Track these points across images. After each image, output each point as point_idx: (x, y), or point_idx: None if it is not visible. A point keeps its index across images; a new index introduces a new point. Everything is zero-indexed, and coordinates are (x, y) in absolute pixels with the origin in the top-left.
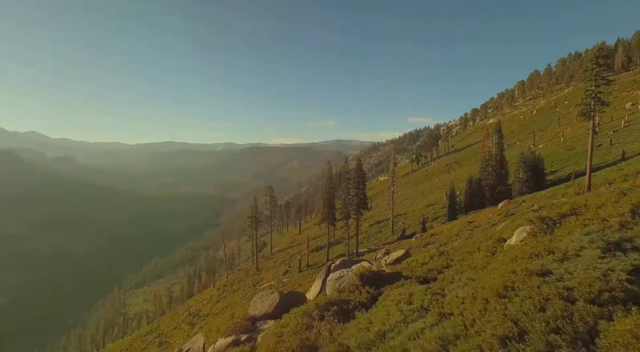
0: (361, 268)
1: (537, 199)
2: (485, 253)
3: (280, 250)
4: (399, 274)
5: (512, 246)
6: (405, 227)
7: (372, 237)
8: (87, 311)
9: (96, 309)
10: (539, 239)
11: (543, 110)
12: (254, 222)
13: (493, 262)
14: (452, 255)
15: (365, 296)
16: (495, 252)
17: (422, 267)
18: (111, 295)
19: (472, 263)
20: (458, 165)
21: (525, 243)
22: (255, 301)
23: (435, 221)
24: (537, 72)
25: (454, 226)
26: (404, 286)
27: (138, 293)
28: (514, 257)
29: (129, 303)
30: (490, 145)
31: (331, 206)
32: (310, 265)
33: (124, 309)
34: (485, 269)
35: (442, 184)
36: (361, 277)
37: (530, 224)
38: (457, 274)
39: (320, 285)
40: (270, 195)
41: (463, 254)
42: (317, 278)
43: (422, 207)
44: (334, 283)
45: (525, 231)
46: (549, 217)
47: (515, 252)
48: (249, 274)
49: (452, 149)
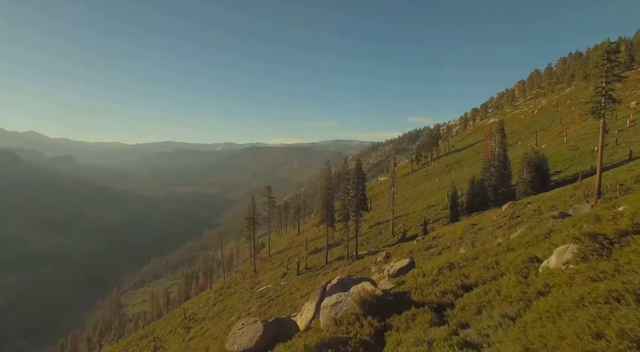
0: (362, 292)
1: (543, 201)
2: (516, 277)
3: (279, 251)
4: (408, 298)
5: (553, 270)
6: (405, 229)
7: (372, 239)
8: (86, 312)
9: (95, 310)
10: (595, 265)
11: (544, 110)
12: (251, 224)
13: (540, 303)
14: (464, 269)
15: (368, 330)
16: (528, 275)
17: (434, 287)
18: (110, 295)
19: (501, 289)
20: (459, 165)
21: (577, 271)
22: (234, 333)
23: (437, 222)
24: (538, 72)
25: (457, 228)
26: (416, 318)
27: (137, 294)
28: (577, 300)
29: (128, 304)
30: (492, 145)
31: (330, 207)
32: (308, 267)
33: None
34: (528, 310)
35: (443, 185)
36: (362, 304)
37: (576, 242)
38: (484, 303)
39: (313, 309)
40: (268, 196)
41: (480, 270)
42: (310, 299)
43: (422, 208)
44: (330, 311)
45: (570, 252)
46: (602, 234)
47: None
48: (246, 277)
49: (452, 149)
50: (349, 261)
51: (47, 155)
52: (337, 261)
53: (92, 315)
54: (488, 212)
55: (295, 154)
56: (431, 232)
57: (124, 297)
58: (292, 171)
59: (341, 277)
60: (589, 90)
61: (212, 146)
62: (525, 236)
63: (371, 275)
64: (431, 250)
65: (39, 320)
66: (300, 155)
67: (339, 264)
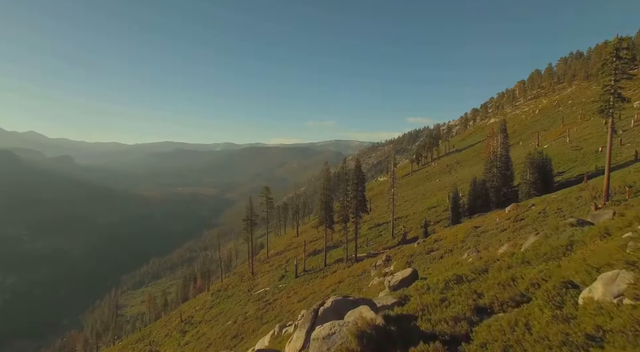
0: (360, 321)
1: (547, 203)
2: (549, 309)
3: (277, 253)
4: (414, 326)
5: (602, 305)
6: (406, 231)
7: (371, 241)
8: (84, 313)
9: (93, 311)
10: None
11: (546, 110)
12: (249, 225)
13: None
14: (475, 283)
15: None
16: (564, 306)
17: (443, 310)
18: (109, 296)
19: (531, 324)
20: (459, 165)
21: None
22: None
23: (438, 224)
24: (538, 72)
25: (459, 231)
26: None
27: (136, 294)
28: None
29: (127, 304)
30: (494, 145)
31: (328, 209)
32: (307, 270)
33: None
34: None
35: (444, 185)
36: (360, 337)
37: (630, 268)
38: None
39: (303, 338)
40: (266, 196)
41: (495, 288)
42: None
43: (423, 209)
44: (322, 345)
45: (624, 281)
46: None
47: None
48: (244, 279)
49: (452, 149)
50: (348, 264)
51: (46, 155)
52: (336, 264)
53: (90, 316)
54: (490, 214)
55: (295, 154)
56: (432, 235)
57: (123, 298)
58: (291, 171)
59: (336, 298)
60: (591, 89)
61: (211, 146)
62: (541, 246)
63: (371, 279)
64: (433, 254)
65: (38, 321)
66: (300, 155)
67: (338, 266)
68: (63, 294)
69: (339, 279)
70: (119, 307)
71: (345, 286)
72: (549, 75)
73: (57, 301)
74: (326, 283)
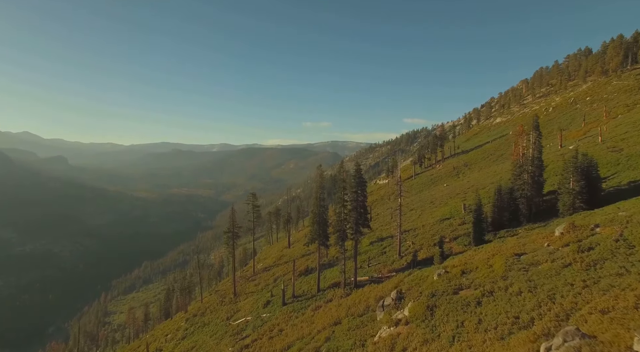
0: None
1: (617, 222)
2: None
3: (265, 268)
4: None
5: None
6: (416, 249)
7: (373, 260)
8: (72, 319)
9: (81, 317)
10: None
11: (561, 107)
12: (231, 239)
13: None
14: None
15: None
16: None
17: None
18: (98, 301)
19: None
20: (468, 168)
21: None
22: None
23: (455, 241)
24: (546, 68)
25: (493, 259)
26: None
27: (126, 300)
28: None
29: (115, 311)
30: (524, 146)
31: (322, 222)
32: (297, 295)
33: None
34: None
35: (454, 192)
36: None
37: None
38: None
39: None
40: (252, 204)
41: None
42: None
43: (434, 221)
44: None
45: None
46: None
47: None
48: (224, 302)
49: (458, 151)
50: (346, 290)
51: (40, 156)
52: (332, 290)
53: (76, 324)
54: (525, 231)
55: (292, 155)
56: (452, 259)
57: (113, 303)
58: (288, 172)
59: None
60: (612, 85)
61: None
62: None
63: (378, 325)
64: (463, 294)
65: (23, 328)
66: (297, 156)
67: (334, 294)
68: (51, 299)
69: (334, 319)
70: (108, 314)
71: (343, 332)
72: (557, 72)
73: (44, 307)
74: (318, 322)
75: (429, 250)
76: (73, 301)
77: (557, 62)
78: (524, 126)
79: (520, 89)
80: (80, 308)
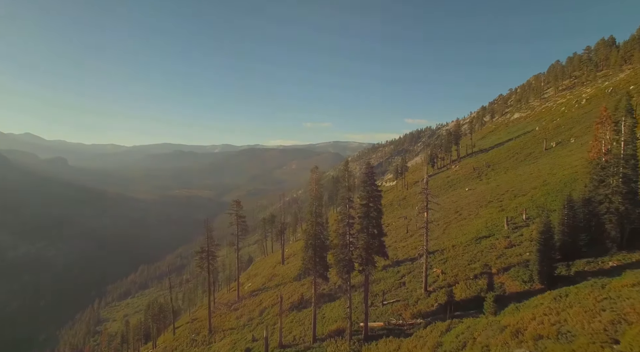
0: None
1: None
2: None
3: (253, 292)
4: None
5: None
6: (450, 283)
7: (390, 294)
8: (64, 327)
9: (73, 325)
10: None
11: (597, 99)
12: (205, 260)
13: None
14: None
15: None
16: None
17: None
18: (91, 308)
19: None
20: (491, 169)
21: None
22: None
23: (507, 274)
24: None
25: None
26: None
27: (120, 306)
28: None
29: (109, 318)
30: (608, 139)
31: (319, 246)
32: (285, 345)
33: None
34: None
35: (484, 198)
36: None
37: None
38: None
39: None
40: (236, 214)
41: None
42: None
43: (467, 239)
44: None
45: None
46: None
47: None
48: (196, 341)
49: (475, 149)
50: (352, 345)
51: (42, 157)
52: (332, 340)
53: (67, 332)
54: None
55: (294, 156)
56: (514, 310)
57: (107, 310)
58: (289, 173)
59: None
60: None
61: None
62: None
63: None
64: None
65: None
66: (299, 156)
67: (336, 348)
68: (44, 305)
69: None
70: (100, 322)
71: None
72: (579, 64)
73: (36, 313)
74: None
75: (468, 286)
76: (66, 307)
77: (576, 54)
78: (607, 112)
79: (539, 82)
80: (72, 315)
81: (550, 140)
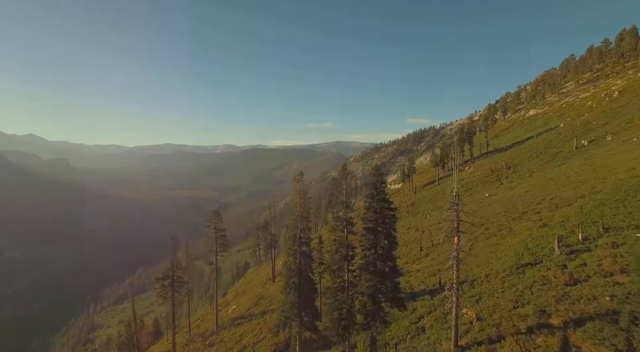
0: None
1: None
2: None
3: (235, 320)
4: None
5: None
6: (490, 337)
7: (403, 344)
8: (57, 333)
9: (66, 331)
10: None
11: (632, 91)
12: (170, 287)
13: None
14: None
15: None
16: None
17: None
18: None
19: None
20: (513, 172)
21: None
22: None
23: (580, 331)
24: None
25: None
26: None
27: (115, 312)
28: None
29: (103, 324)
30: None
31: (305, 286)
32: None
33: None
34: None
35: (514, 208)
36: None
37: None
38: None
39: None
40: (215, 226)
41: None
42: None
43: (505, 267)
44: None
45: None
46: None
47: None
48: None
49: (490, 149)
50: None
51: (44, 158)
52: None
53: (61, 338)
54: None
55: (295, 156)
56: None
57: (102, 315)
58: (291, 173)
59: None
60: None
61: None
62: None
63: None
64: None
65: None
66: (300, 157)
67: None
68: (38, 310)
69: None
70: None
71: None
72: (600, 56)
73: (30, 319)
74: None
75: (522, 346)
76: (62, 312)
77: (592, 46)
78: None
79: (554, 77)
80: (67, 321)
81: (580, 138)
